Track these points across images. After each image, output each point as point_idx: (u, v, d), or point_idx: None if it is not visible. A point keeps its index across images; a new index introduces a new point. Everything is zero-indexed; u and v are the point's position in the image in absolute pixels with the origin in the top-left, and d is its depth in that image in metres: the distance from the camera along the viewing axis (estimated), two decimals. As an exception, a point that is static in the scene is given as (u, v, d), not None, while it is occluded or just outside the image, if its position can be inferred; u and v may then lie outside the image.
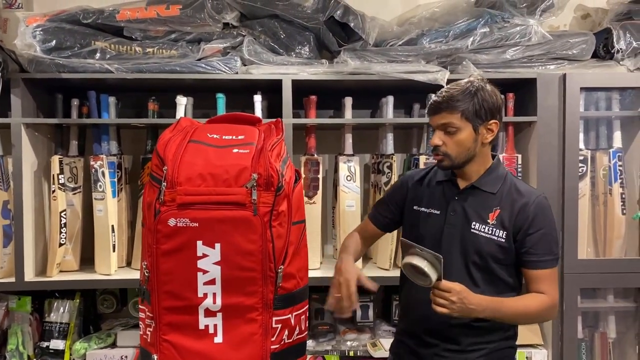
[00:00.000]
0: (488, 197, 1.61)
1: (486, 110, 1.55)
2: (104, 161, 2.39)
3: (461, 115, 1.54)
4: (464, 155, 1.58)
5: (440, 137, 1.58)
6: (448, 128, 1.56)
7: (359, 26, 2.39)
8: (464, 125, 1.55)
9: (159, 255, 1.35)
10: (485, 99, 1.55)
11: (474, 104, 1.54)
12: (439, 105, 1.57)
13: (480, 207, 1.61)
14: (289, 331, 1.47)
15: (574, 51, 2.50)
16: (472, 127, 1.55)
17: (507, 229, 1.57)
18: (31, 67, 2.32)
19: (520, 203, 1.57)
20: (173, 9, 2.35)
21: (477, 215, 1.60)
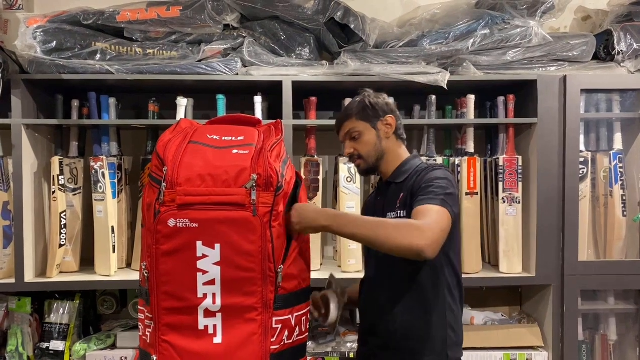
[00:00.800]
0: (399, 187, 1.70)
1: (376, 108, 1.71)
2: (104, 162, 2.39)
3: (357, 118, 1.71)
4: (374, 152, 1.71)
5: (350, 146, 1.74)
6: (352, 134, 1.72)
7: (360, 28, 2.39)
8: (362, 126, 1.71)
9: (158, 256, 1.35)
10: (374, 102, 1.72)
11: (364, 106, 1.71)
12: (339, 120, 1.77)
13: (392, 197, 1.70)
14: (289, 332, 1.47)
15: (574, 53, 2.50)
16: (370, 126, 1.71)
17: (407, 207, 1.61)
18: (32, 68, 2.32)
19: (417, 178, 1.64)
20: (173, 10, 2.36)
21: (390, 205, 1.70)
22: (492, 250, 2.62)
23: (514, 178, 2.48)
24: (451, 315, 1.66)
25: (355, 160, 1.75)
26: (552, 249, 2.44)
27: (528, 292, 2.72)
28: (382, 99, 1.75)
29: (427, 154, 2.52)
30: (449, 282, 1.66)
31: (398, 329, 1.65)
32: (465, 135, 2.56)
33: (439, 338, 1.64)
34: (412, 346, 1.64)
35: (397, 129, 1.73)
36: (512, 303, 2.81)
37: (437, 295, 1.64)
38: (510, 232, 2.47)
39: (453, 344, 1.66)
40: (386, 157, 1.73)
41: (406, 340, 1.65)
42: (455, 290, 1.68)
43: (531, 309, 2.69)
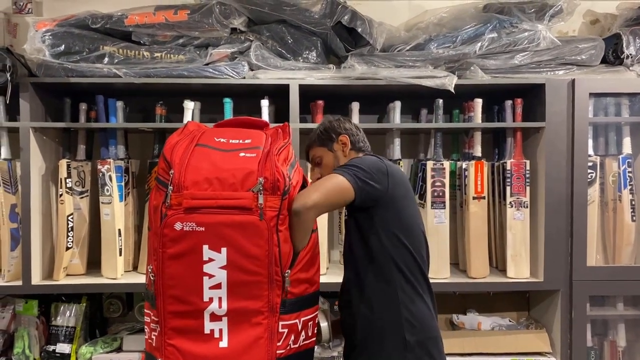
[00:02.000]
0: None
1: (329, 131, 1.81)
2: (111, 165, 2.40)
3: (316, 145, 1.82)
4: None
5: (315, 171, 1.84)
6: (315, 160, 1.83)
7: (367, 31, 2.39)
8: (322, 151, 1.81)
9: (164, 259, 1.35)
10: (327, 128, 1.82)
11: (319, 134, 1.82)
12: (306, 149, 1.88)
13: None
14: (295, 336, 1.46)
15: (583, 56, 2.48)
16: (327, 149, 1.80)
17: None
18: (40, 71, 2.33)
19: None
20: (181, 14, 2.36)
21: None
22: (500, 254, 2.60)
23: (522, 182, 2.46)
24: (407, 312, 1.58)
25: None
26: (560, 254, 2.42)
27: (536, 297, 2.70)
28: (333, 121, 1.83)
29: (434, 158, 2.50)
30: (403, 273, 1.61)
31: (358, 328, 1.62)
32: (473, 139, 2.55)
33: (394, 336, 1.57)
34: (370, 346, 1.59)
35: (353, 143, 1.80)
36: (520, 308, 2.79)
37: (386, 290, 1.59)
38: (517, 237, 2.46)
39: (414, 343, 1.56)
40: None
41: (365, 340, 1.60)
42: (408, 284, 1.61)
43: (539, 315, 2.67)
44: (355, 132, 1.83)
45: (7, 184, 2.39)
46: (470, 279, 2.45)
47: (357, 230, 1.62)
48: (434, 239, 2.42)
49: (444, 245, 2.44)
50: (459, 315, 2.70)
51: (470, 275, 2.45)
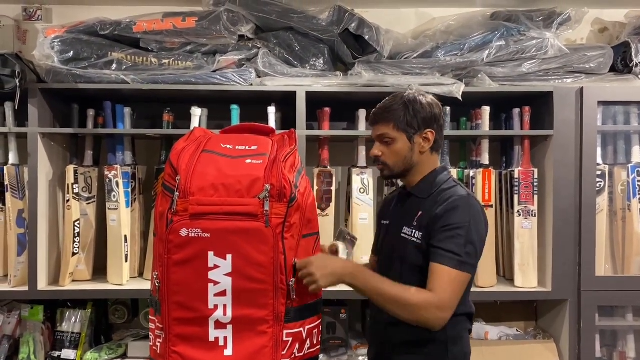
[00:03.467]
0: (419, 202, 1.61)
1: (419, 120, 1.58)
2: (118, 171, 2.41)
3: (394, 126, 1.58)
4: (402, 164, 1.61)
5: (378, 148, 1.63)
6: (384, 139, 1.61)
7: (374, 39, 2.39)
8: (398, 135, 1.58)
9: (170, 266, 1.34)
10: (417, 109, 1.57)
11: (405, 114, 1.57)
12: (375, 117, 1.63)
13: (410, 212, 1.61)
14: (300, 345, 1.45)
15: (591, 65, 2.47)
16: (406, 137, 1.58)
17: (423, 229, 1.55)
18: (49, 77, 2.35)
19: (438, 203, 1.54)
20: (189, 21, 2.37)
21: (407, 219, 1.61)
22: (507, 263, 2.58)
23: (530, 191, 2.44)
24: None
25: (379, 164, 1.64)
26: (569, 263, 2.40)
27: (544, 307, 2.68)
28: (430, 108, 1.59)
29: (442, 166, 2.49)
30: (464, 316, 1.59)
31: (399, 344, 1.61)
32: (480, 147, 2.54)
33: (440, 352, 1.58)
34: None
35: (435, 141, 1.61)
36: (527, 318, 2.77)
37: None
38: (525, 246, 2.44)
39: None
40: (414, 169, 1.62)
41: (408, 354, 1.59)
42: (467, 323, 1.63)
43: (547, 325, 2.64)
44: (442, 125, 1.63)
45: (15, 190, 2.40)
46: (478, 287, 2.43)
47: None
48: (441, 247, 2.41)
49: (451, 253, 2.42)
50: (466, 325, 2.68)
51: (478, 284, 2.43)
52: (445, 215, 1.50)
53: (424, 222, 1.55)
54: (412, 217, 1.59)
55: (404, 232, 1.60)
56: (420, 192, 1.62)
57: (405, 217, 1.62)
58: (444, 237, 1.48)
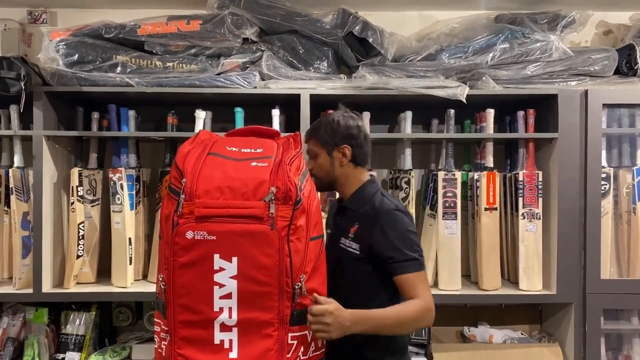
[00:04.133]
0: (353, 214, 1.72)
1: (336, 137, 1.72)
2: (122, 174, 2.41)
3: (316, 141, 1.74)
4: (326, 176, 1.75)
5: (309, 162, 1.77)
6: (312, 153, 1.76)
7: (378, 41, 2.39)
8: (320, 150, 1.74)
9: (175, 268, 1.34)
10: (335, 128, 1.73)
11: (324, 132, 1.73)
12: (306, 134, 1.80)
13: (346, 223, 1.72)
14: (304, 348, 1.45)
15: (596, 67, 2.47)
16: (326, 152, 1.73)
17: (361, 242, 1.65)
18: (53, 80, 2.35)
19: (371, 217, 1.66)
20: (193, 24, 2.38)
21: (344, 231, 1.71)
22: (512, 266, 2.58)
23: (534, 193, 2.44)
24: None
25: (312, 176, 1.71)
26: (574, 266, 2.39)
27: (548, 310, 2.67)
28: (345, 124, 1.73)
29: (446, 168, 2.49)
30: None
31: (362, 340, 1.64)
32: (484, 149, 2.54)
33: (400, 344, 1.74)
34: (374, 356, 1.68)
35: (354, 157, 1.73)
36: (532, 321, 2.76)
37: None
38: (530, 249, 2.43)
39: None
40: (340, 182, 1.76)
41: (371, 350, 1.67)
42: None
43: (552, 328, 2.63)
44: (361, 143, 1.75)
45: (20, 192, 2.41)
46: (482, 291, 2.43)
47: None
48: (445, 250, 2.41)
49: (456, 256, 2.42)
50: (470, 328, 2.67)
51: (482, 287, 2.43)
52: (388, 229, 1.61)
53: (363, 236, 1.65)
54: (348, 229, 1.69)
55: (342, 243, 1.70)
56: (353, 205, 1.73)
57: (344, 228, 1.72)
58: (397, 249, 1.59)
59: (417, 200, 2.53)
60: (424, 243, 2.51)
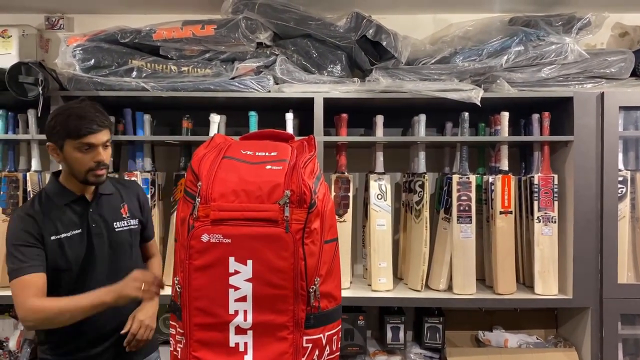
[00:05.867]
0: (112, 198, 1.83)
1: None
2: (138, 177, 2.43)
3: (109, 130, 1.72)
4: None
5: (106, 154, 1.71)
6: (107, 143, 1.71)
7: (392, 45, 2.39)
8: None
9: (191, 271, 1.35)
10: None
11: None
12: (101, 123, 1.68)
13: (112, 208, 1.81)
14: (319, 351, 1.45)
15: (612, 69, 2.44)
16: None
17: (136, 216, 1.88)
18: (70, 85, 2.39)
19: (134, 193, 1.92)
20: (208, 29, 2.40)
21: (114, 215, 1.81)
22: (527, 270, 2.56)
23: (550, 197, 2.42)
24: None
25: (102, 169, 1.72)
26: (590, 270, 2.36)
27: (564, 314, 2.64)
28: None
29: (460, 172, 2.48)
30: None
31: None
32: (499, 152, 2.52)
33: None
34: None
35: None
36: (548, 326, 2.74)
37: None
38: (545, 253, 2.41)
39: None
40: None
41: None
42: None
43: (568, 333, 2.61)
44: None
45: (37, 195, 2.43)
46: (497, 295, 2.41)
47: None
48: (460, 254, 2.40)
49: (470, 260, 2.40)
50: (485, 332, 2.66)
51: (497, 291, 2.41)
52: (146, 203, 1.96)
53: (134, 211, 1.87)
54: (118, 211, 1.82)
55: (117, 227, 1.80)
56: (107, 190, 1.82)
57: (112, 214, 1.80)
58: (150, 221, 2.00)
59: (431, 204, 2.52)
60: (437, 246, 2.51)
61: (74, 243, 1.70)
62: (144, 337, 1.75)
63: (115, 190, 1.85)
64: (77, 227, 1.72)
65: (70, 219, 1.72)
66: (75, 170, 1.69)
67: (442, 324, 2.56)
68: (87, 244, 1.72)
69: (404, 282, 2.58)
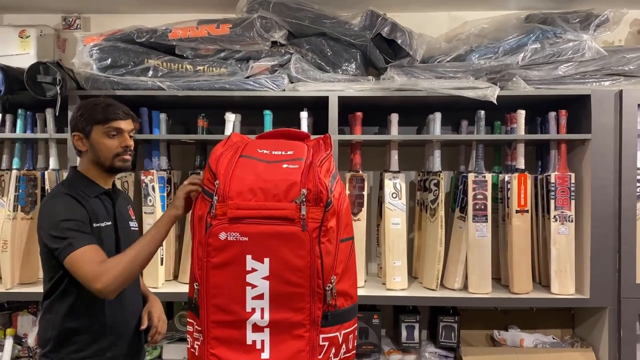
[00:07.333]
0: (123, 198, 1.87)
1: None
2: (154, 176, 2.45)
3: (133, 122, 1.77)
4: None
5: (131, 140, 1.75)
6: (132, 133, 1.75)
7: (407, 43, 2.38)
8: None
9: (209, 269, 1.36)
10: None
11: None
12: (127, 112, 1.74)
13: (124, 207, 1.84)
14: (335, 349, 1.45)
15: (630, 67, 2.41)
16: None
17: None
18: (87, 84, 2.41)
19: (129, 202, 1.93)
20: (223, 28, 2.41)
21: (127, 214, 1.84)
22: (543, 270, 2.54)
23: (566, 196, 2.40)
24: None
25: (130, 154, 1.76)
26: (608, 270, 2.34)
27: (581, 314, 2.62)
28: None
29: (476, 170, 2.47)
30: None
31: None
32: (516, 151, 2.50)
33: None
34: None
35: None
36: (564, 325, 2.71)
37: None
38: (562, 252, 2.39)
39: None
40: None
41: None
42: None
43: (584, 333, 2.58)
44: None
45: (55, 194, 2.46)
46: (513, 294, 2.39)
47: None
48: (475, 253, 2.38)
49: (486, 259, 2.39)
50: (500, 332, 2.64)
51: (513, 290, 2.39)
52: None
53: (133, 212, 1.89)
54: (128, 211, 1.85)
55: (132, 227, 1.84)
56: (117, 190, 1.86)
57: (126, 212, 1.83)
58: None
59: (446, 203, 2.51)
60: (453, 245, 2.50)
61: (108, 234, 1.71)
62: (163, 330, 1.84)
63: (122, 193, 1.90)
64: (109, 219, 1.73)
65: (102, 210, 1.72)
66: (102, 156, 1.69)
67: (457, 323, 2.55)
68: (115, 237, 1.74)
69: (419, 281, 2.58)
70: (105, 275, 1.50)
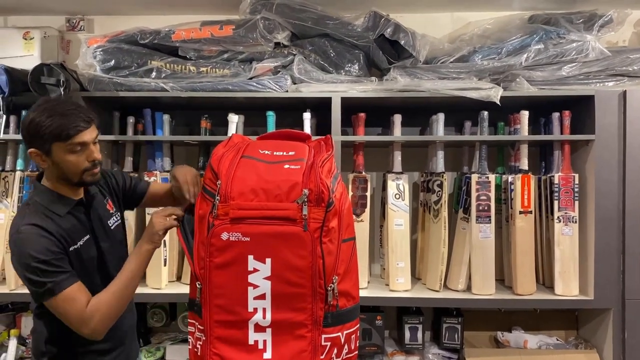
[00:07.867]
0: (98, 196, 1.68)
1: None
2: (157, 177, 2.46)
3: (95, 125, 1.54)
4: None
5: (97, 150, 1.55)
6: (96, 139, 1.55)
7: (410, 43, 2.38)
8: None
9: (211, 268, 1.36)
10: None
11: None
12: (87, 119, 1.51)
13: (102, 207, 1.68)
14: (338, 350, 1.44)
15: (634, 67, 2.41)
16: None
17: (118, 205, 1.76)
18: (91, 85, 2.42)
19: (103, 181, 1.72)
20: (226, 29, 2.41)
21: (105, 213, 1.69)
22: (547, 271, 2.53)
23: (570, 196, 2.39)
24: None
25: (97, 167, 1.57)
26: (612, 271, 2.33)
27: (585, 315, 2.61)
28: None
29: (479, 171, 2.46)
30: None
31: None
32: (519, 152, 2.50)
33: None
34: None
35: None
36: (568, 327, 2.70)
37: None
38: (566, 253, 2.38)
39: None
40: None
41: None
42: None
43: (589, 334, 2.57)
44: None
45: (59, 195, 2.47)
46: (516, 295, 2.38)
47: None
48: (479, 254, 2.38)
49: (489, 260, 2.38)
50: (504, 333, 2.64)
51: (516, 291, 2.39)
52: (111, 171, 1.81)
53: (114, 201, 1.74)
54: (106, 210, 1.69)
55: (112, 226, 1.70)
56: (93, 189, 1.67)
57: (103, 214, 1.67)
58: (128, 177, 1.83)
59: (449, 203, 2.51)
60: (456, 246, 2.49)
61: (88, 249, 1.59)
62: (194, 185, 1.61)
63: (96, 189, 1.69)
64: (85, 233, 1.59)
65: (77, 226, 1.57)
66: (69, 174, 1.51)
67: (461, 324, 2.55)
68: (96, 247, 1.62)
69: (422, 282, 2.57)
70: (92, 321, 1.45)
